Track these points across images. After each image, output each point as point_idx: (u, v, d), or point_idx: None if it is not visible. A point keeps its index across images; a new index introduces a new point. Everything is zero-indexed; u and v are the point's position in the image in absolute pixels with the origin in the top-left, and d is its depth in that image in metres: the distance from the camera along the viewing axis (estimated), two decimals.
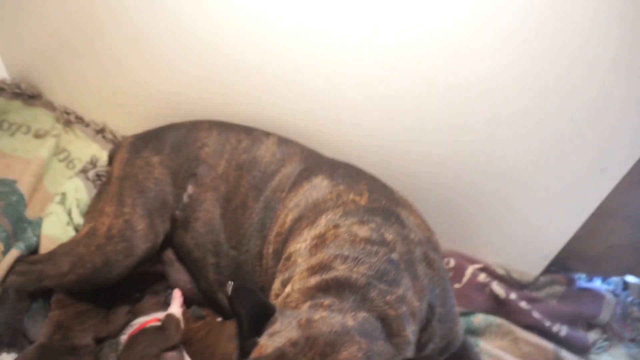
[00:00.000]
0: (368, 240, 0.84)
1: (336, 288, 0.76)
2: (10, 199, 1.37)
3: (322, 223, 0.91)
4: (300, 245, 0.89)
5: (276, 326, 0.69)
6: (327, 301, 0.73)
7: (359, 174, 1.07)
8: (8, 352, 1.07)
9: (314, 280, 0.78)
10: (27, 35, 1.65)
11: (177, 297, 1.14)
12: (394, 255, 0.83)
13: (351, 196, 0.96)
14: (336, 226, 0.88)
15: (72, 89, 1.73)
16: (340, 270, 0.79)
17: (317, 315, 0.70)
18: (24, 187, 1.42)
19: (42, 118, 1.72)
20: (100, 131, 1.71)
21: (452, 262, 1.39)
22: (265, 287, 1.02)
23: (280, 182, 1.07)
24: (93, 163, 1.59)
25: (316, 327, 0.67)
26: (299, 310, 0.72)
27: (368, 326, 0.71)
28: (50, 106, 1.75)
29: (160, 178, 1.17)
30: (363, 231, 0.86)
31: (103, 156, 1.63)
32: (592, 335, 1.33)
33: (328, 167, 1.07)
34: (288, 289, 0.81)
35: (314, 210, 0.95)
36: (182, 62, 1.43)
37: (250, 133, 1.23)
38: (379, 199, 0.97)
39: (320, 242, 0.87)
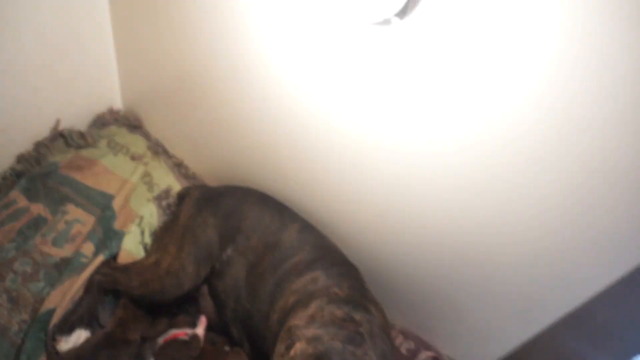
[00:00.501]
0: (343, 319, 1.24)
1: (326, 355, 1.16)
2: (105, 213, 1.87)
3: (312, 307, 1.31)
4: (298, 322, 1.29)
5: None
6: None
7: (348, 274, 1.45)
8: (85, 329, 1.56)
9: (311, 349, 1.19)
10: (142, 77, 2.12)
11: (202, 322, 1.59)
12: (360, 329, 1.23)
13: (336, 290, 1.37)
14: (321, 309, 1.29)
15: (165, 125, 2.21)
16: (326, 341, 1.19)
17: None
18: (117, 205, 1.91)
19: (138, 144, 2.22)
20: (178, 165, 2.19)
21: (412, 344, 1.74)
22: (268, 338, 1.43)
23: (291, 267, 1.48)
24: (167, 192, 2.07)
25: None
26: None
27: None
28: (146, 136, 2.26)
29: (211, 237, 1.61)
30: (339, 313, 1.26)
31: (176, 186, 2.10)
32: None
33: (327, 264, 1.46)
34: (292, 353, 1.21)
35: (309, 297, 1.36)
36: (249, 139, 1.86)
37: (282, 215, 1.64)
38: (354, 295, 1.36)
39: (312, 320, 1.27)
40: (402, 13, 1.09)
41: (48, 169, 1.95)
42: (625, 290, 1.26)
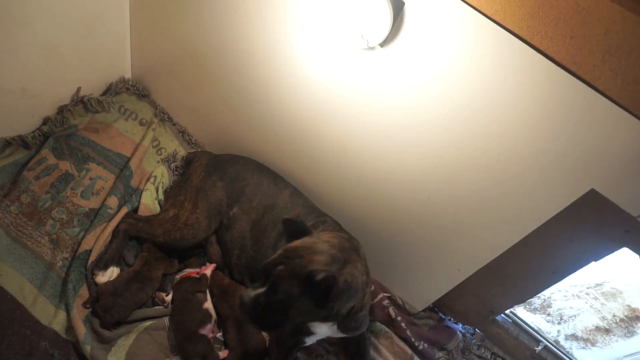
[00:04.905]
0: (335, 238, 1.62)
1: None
2: (124, 172, 2.22)
3: None
4: None
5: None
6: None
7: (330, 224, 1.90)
8: (115, 267, 1.94)
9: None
10: (154, 48, 2.37)
11: (210, 267, 2.01)
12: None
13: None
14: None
15: (170, 96, 2.51)
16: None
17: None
18: (133, 165, 2.25)
19: (146, 111, 2.52)
20: (182, 132, 2.52)
21: (373, 287, 2.25)
22: None
23: None
24: (174, 155, 2.41)
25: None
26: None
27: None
28: (153, 104, 2.55)
29: (220, 197, 2.00)
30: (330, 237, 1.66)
31: (181, 151, 2.45)
32: (439, 354, 2.21)
33: (314, 217, 1.90)
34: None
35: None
36: (249, 115, 2.21)
37: (276, 182, 2.05)
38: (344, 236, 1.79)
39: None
40: (384, 43, 1.50)
41: (69, 131, 2.25)
42: (524, 249, 1.78)
